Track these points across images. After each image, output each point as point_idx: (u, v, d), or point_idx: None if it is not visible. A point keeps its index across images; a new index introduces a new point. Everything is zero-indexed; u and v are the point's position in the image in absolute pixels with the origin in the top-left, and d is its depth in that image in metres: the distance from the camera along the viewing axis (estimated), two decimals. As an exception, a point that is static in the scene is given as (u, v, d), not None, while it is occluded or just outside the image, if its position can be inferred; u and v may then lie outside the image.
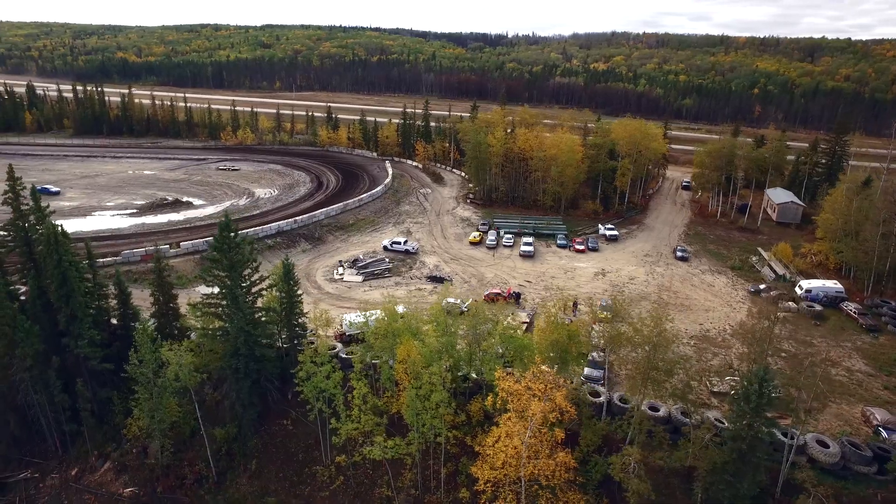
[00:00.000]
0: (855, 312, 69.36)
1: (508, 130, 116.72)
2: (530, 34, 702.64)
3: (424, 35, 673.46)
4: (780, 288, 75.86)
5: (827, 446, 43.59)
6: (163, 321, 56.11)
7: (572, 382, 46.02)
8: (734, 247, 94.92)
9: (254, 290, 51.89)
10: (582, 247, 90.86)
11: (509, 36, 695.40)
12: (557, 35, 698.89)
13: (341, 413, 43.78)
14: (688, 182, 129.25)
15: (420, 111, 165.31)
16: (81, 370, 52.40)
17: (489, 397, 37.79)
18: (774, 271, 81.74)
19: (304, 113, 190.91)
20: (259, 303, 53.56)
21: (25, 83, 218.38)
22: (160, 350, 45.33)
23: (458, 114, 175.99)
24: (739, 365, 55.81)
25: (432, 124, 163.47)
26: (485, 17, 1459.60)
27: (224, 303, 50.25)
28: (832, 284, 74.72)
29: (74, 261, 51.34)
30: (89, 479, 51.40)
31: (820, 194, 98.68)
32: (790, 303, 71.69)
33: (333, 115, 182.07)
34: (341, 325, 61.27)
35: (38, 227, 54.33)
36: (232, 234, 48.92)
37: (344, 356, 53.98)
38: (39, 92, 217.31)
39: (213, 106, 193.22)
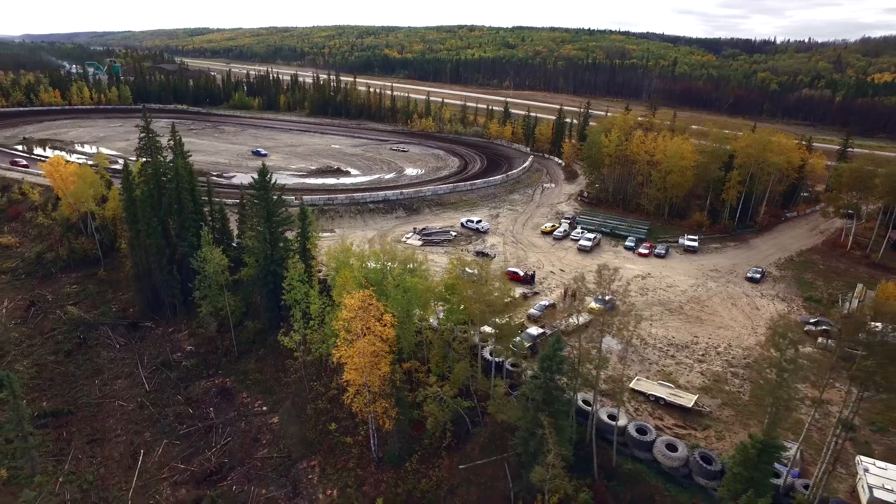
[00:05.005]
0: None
1: (631, 133, 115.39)
2: (805, 40, 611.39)
3: (675, 40, 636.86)
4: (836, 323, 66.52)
5: (675, 450, 43.23)
6: (240, 238, 77.74)
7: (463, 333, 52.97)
8: (840, 280, 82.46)
9: (283, 225, 68.97)
10: (646, 251, 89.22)
11: (777, 42, 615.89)
12: (840, 41, 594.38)
13: (297, 318, 58.11)
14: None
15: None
16: (184, 264, 76.28)
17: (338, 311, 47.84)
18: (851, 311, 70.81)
19: (484, 106, 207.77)
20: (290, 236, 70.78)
21: (291, 73, 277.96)
22: (204, 251, 65.29)
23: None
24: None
25: (592, 124, 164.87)
26: (755, 21, 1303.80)
27: (259, 228, 68.43)
28: (909, 334, 62.97)
29: (188, 188, 75.10)
30: (174, 336, 75.19)
31: None
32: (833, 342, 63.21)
33: (509, 111, 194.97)
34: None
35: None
36: (267, 177, 66.70)
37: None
38: (300, 80, 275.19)
39: (412, 96, 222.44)
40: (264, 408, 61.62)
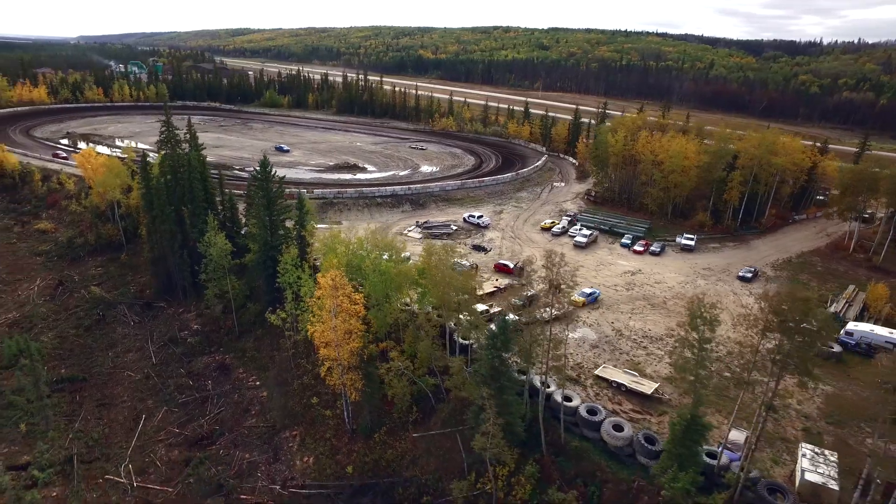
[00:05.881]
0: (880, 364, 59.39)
1: (637, 133, 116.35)
2: (854, 41, 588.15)
3: (714, 42, 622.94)
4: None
5: (621, 430, 45.53)
6: (247, 226, 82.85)
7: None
8: (835, 282, 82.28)
9: (283, 215, 73.45)
10: (641, 249, 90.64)
11: (823, 43, 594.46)
12: (894, 41, 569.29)
13: (289, 299, 62.41)
14: (867, 213, 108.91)
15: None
16: (195, 249, 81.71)
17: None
18: (836, 310, 71.16)
19: (506, 106, 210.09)
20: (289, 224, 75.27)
21: (322, 73, 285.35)
22: (208, 235, 70.33)
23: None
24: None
25: (608, 124, 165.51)
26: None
27: (261, 216, 73.10)
28: (887, 333, 63.56)
29: (199, 178, 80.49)
30: (183, 316, 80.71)
31: None
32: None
33: (529, 111, 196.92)
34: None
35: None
36: (268, 169, 71.30)
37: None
38: (330, 79, 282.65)
39: (436, 95, 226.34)
40: (257, 382, 66.23)
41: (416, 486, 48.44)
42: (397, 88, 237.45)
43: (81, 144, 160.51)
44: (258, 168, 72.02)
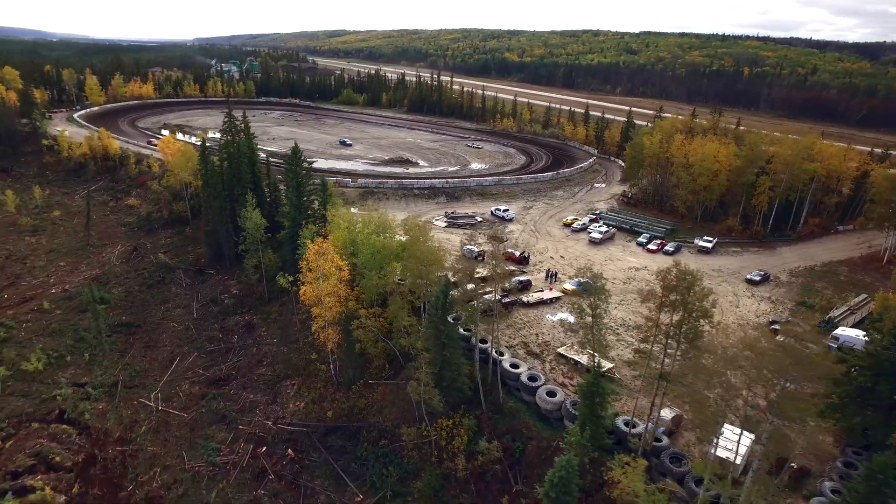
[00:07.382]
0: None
1: (672, 136, 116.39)
2: None
3: (823, 46, 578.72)
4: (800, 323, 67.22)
5: (553, 396, 50.11)
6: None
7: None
8: (855, 291, 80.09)
9: (312, 194, 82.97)
10: (655, 248, 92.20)
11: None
12: None
13: (303, 271, 71.45)
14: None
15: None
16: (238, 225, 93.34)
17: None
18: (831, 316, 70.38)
19: (567, 108, 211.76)
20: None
21: (400, 72, 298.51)
22: (244, 211, 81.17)
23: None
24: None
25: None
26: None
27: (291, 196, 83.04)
28: (874, 340, 62.90)
29: (246, 163, 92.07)
30: (227, 282, 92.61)
31: None
32: (790, 339, 64.50)
33: (589, 114, 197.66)
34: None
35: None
36: (299, 155, 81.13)
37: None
38: (407, 79, 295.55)
39: (500, 96, 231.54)
40: (274, 340, 76.06)
41: (377, 430, 55.55)
42: (465, 88, 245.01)
43: (179, 134, 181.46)
44: (290, 154, 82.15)
